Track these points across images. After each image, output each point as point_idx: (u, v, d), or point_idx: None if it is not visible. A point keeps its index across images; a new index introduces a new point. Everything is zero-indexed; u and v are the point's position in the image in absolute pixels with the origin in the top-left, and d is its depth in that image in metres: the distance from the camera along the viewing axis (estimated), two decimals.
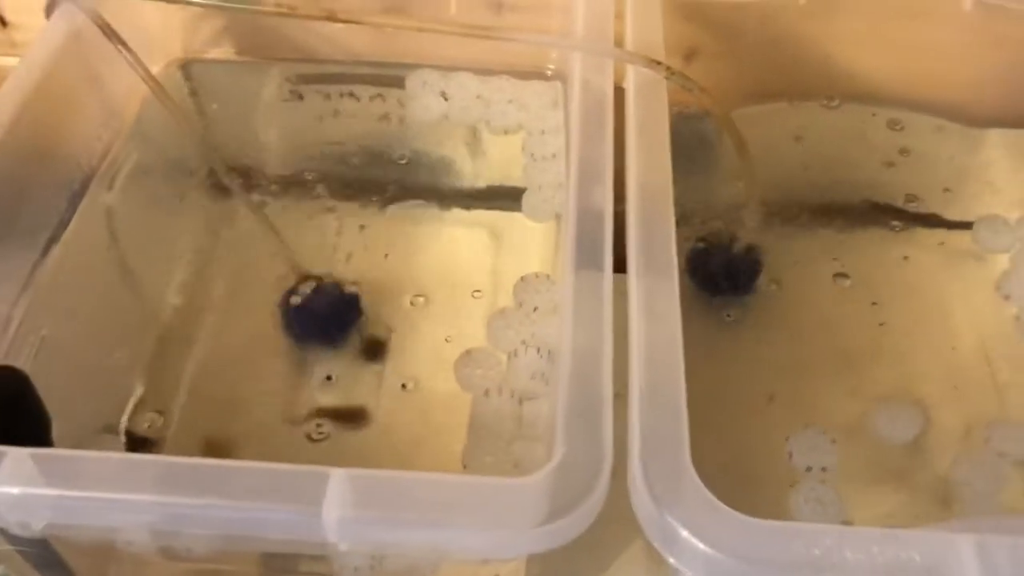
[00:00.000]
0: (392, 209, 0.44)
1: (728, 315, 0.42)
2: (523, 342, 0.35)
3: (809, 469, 0.36)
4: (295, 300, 0.40)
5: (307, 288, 0.41)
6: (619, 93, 0.36)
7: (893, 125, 0.46)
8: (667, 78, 0.35)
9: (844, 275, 0.43)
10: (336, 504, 0.24)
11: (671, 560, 0.25)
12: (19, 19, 0.47)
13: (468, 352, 0.36)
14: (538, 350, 0.34)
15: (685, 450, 0.26)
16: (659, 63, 0.35)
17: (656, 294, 0.29)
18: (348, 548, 0.25)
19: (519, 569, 0.32)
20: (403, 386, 0.38)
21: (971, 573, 0.23)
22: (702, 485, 0.25)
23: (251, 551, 0.30)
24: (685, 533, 0.24)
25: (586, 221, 0.31)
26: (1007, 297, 0.41)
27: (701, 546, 0.24)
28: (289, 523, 0.24)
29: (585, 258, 0.30)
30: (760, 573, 0.23)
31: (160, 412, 0.38)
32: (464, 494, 0.25)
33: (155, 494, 0.24)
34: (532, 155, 0.42)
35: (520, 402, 0.33)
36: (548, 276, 0.37)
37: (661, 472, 0.25)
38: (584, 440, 0.26)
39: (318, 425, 0.38)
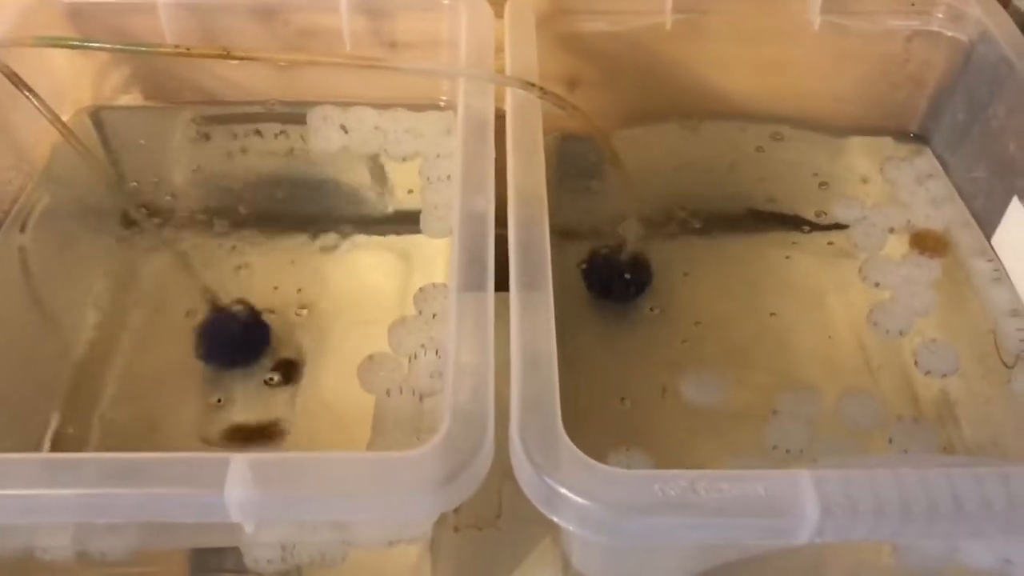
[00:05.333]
0: (302, 238, 0.46)
1: (624, 320, 0.45)
2: (422, 345, 0.37)
3: None
4: (207, 327, 0.42)
5: (219, 315, 0.43)
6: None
7: (762, 138, 0.51)
8: (540, 97, 0.38)
9: (730, 277, 0.46)
10: (237, 484, 0.26)
11: (553, 517, 0.27)
12: None
13: (370, 357, 0.38)
14: (436, 351, 0.37)
15: (557, 421, 0.28)
16: (532, 84, 0.38)
17: (533, 289, 0.32)
18: (253, 529, 0.27)
19: (424, 561, 0.34)
20: (317, 402, 0.40)
21: (808, 498, 0.26)
22: (574, 447, 0.27)
23: (166, 547, 0.31)
24: (562, 490, 0.27)
25: (470, 225, 0.34)
26: (876, 284, 0.45)
27: (576, 499, 0.26)
28: (194, 506, 0.26)
29: (469, 261, 0.33)
30: (625, 516, 0.26)
31: (78, 440, 0.39)
32: (357, 468, 0.27)
33: (64, 488, 0.26)
34: (427, 178, 0.45)
35: (420, 399, 0.36)
36: (445, 285, 0.39)
37: (537, 441, 0.28)
38: (469, 414, 0.28)
39: (238, 444, 0.39)
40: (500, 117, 0.39)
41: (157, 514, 0.26)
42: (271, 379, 0.40)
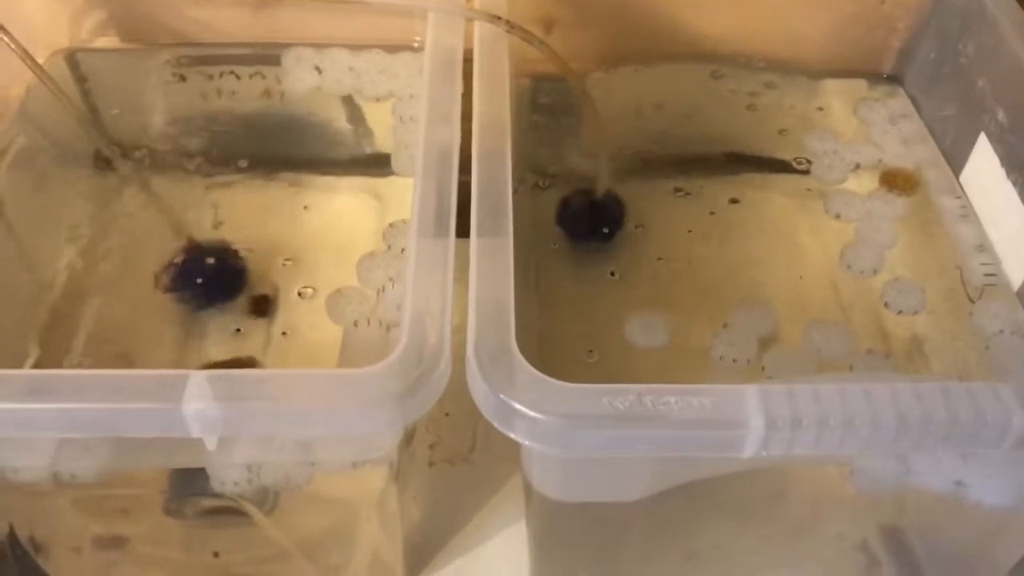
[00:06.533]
0: (277, 178, 0.46)
1: (597, 261, 0.45)
2: (390, 279, 0.38)
3: None
4: (182, 266, 0.43)
5: (194, 254, 0.43)
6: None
7: (738, 80, 0.51)
8: (507, 31, 0.38)
9: (704, 217, 0.46)
10: (195, 398, 0.26)
11: (509, 433, 0.28)
12: None
13: (338, 290, 0.39)
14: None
15: (511, 340, 0.28)
16: (499, 18, 0.38)
17: (493, 218, 0.32)
18: (214, 446, 0.28)
19: (389, 491, 0.35)
20: (283, 334, 0.40)
21: (754, 411, 0.26)
22: (527, 363, 0.28)
23: (135, 467, 0.32)
24: (515, 405, 0.27)
25: (435, 159, 0.34)
26: (837, 216, 0.45)
27: (528, 412, 0.27)
28: (153, 420, 0.27)
29: (434, 202, 0.33)
30: (575, 428, 0.26)
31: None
32: (315, 383, 0.27)
33: (24, 403, 0.26)
34: (400, 117, 0.45)
35: (388, 329, 0.36)
36: None
37: (492, 360, 0.28)
38: (426, 331, 0.28)
39: None
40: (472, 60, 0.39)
41: (117, 429, 0.27)
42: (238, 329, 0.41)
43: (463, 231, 0.33)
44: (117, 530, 0.37)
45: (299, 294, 0.41)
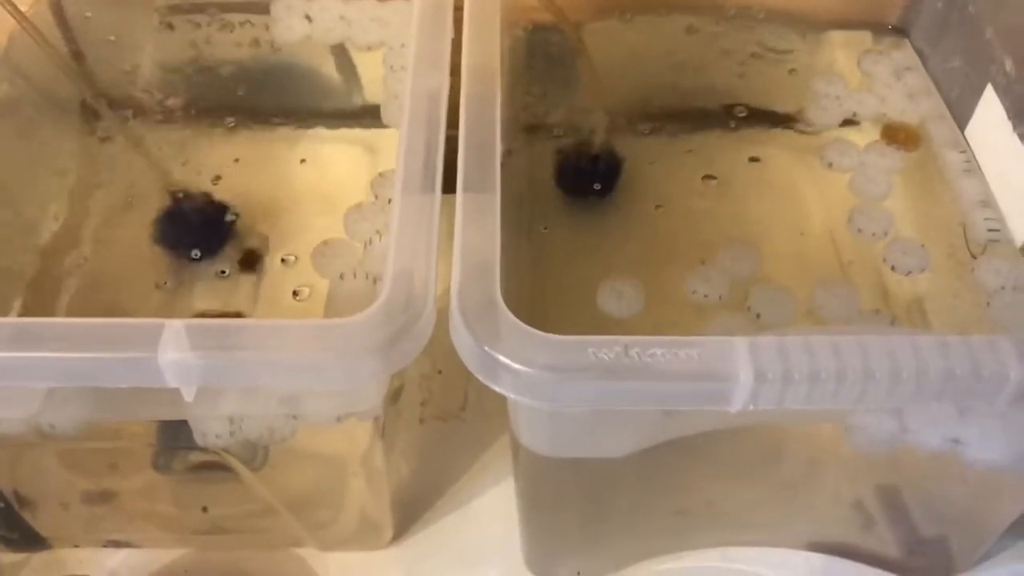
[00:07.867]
0: (267, 129, 0.45)
1: (592, 215, 0.44)
2: (377, 232, 0.37)
3: None
4: (169, 214, 0.42)
5: (181, 205, 0.42)
6: None
7: (739, 32, 0.49)
8: None
9: (702, 173, 0.45)
10: (171, 347, 0.26)
11: (493, 386, 0.27)
12: None
13: (325, 242, 0.38)
14: None
15: (496, 292, 0.28)
16: None
17: (480, 168, 0.31)
18: (192, 397, 0.27)
19: (375, 447, 0.34)
20: (294, 293, 0.39)
21: (742, 364, 0.25)
22: (511, 315, 0.27)
23: (116, 419, 0.31)
24: (500, 357, 0.27)
25: (420, 103, 0.33)
26: (830, 165, 0.44)
27: (513, 365, 0.26)
28: (128, 368, 0.26)
29: (421, 155, 0.32)
30: (560, 380, 0.26)
31: None
32: (295, 332, 0.27)
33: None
34: (391, 67, 0.44)
35: (375, 282, 0.36)
36: None
37: (476, 312, 0.27)
38: (409, 282, 0.28)
39: None
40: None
41: (93, 378, 0.26)
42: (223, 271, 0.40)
43: (452, 187, 0.32)
44: (105, 485, 0.37)
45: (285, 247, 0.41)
